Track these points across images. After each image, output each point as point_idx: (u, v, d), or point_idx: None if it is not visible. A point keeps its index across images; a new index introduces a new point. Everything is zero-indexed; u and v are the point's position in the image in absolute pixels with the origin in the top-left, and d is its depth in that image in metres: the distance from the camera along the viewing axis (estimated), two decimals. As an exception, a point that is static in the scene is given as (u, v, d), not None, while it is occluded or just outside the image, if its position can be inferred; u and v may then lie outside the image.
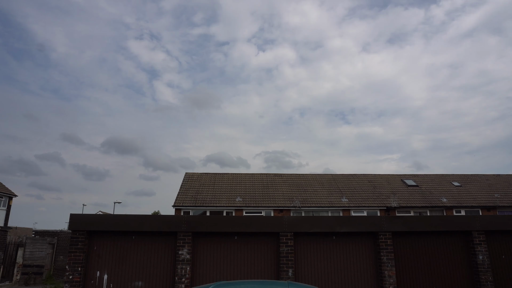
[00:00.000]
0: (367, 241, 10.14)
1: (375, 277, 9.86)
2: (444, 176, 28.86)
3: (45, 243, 22.31)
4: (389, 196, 24.58)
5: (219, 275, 9.65)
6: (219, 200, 23.26)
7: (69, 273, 9.31)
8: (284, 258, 9.56)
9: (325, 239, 10.06)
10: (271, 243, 9.92)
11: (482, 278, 9.79)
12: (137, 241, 9.80)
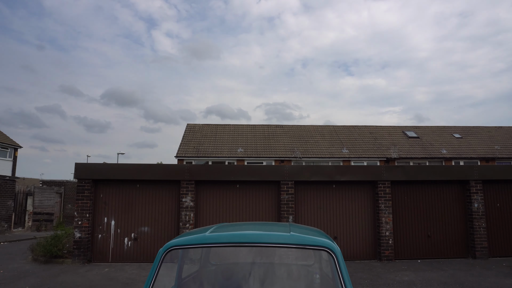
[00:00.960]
0: (366, 190, 10.38)
1: (373, 223, 10.22)
2: (445, 128, 28.87)
3: (52, 192, 22.98)
4: (389, 147, 24.78)
5: (221, 221, 10.02)
6: (220, 150, 23.54)
7: (78, 219, 9.67)
8: (284, 206, 9.86)
9: (325, 188, 10.30)
10: (272, 191, 10.18)
11: (476, 224, 10.15)
12: (142, 189, 10.07)
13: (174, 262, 2.97)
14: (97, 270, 8.93)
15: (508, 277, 7.97)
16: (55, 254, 9.86)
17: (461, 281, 7.66)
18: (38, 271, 8.91)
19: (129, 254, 9.80)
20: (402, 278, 8.01)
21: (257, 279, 2.81)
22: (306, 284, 3.17)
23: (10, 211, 20.56)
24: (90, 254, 9.72)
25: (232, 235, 2.47)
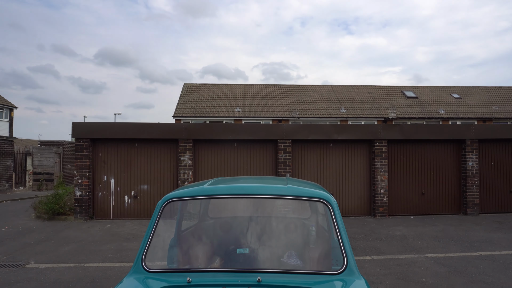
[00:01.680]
0: (363, 149, 10.47)
1: (368, 181, 10.41)
2: (444, 88, 28.63)
3: (51, 152, 23.09)
4: (387, 107, 24.70)
5: (220, 179, 10.17)
6: (218, 110, 23.43)
7: (78, 177, 9.79)
8: (282, 164, 9.97)
9: (322, 147, 10.37)
10: (269, 150, 10.26)
11: (469, 182, 10.36)
12: (140, 148, 10.11)
13: (173, 218, 3.04)
14: (99, 226, 9.19)
15: (496, 231, 8.27)
16: (58, 212, 10.08)
17: (451, 235, 7.95)
18: (42, 227, 9.15)
19: (130, 211, 10.04)
20: (395, 232, 8.30)
21: (254, 232, 2.89)
22: (302, 236, 3.27)
23: (10, 171, 20.76)
24: (91, 211, 9.95)
25: (230, 187, 2.51)
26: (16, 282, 5.31)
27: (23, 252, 6.88)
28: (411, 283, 5.08)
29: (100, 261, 6.30)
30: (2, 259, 6.46)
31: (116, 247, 7.22)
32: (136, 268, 2.29)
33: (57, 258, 6.49)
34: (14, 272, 5.76)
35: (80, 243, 7.50)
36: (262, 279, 2.08)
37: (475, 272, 5.51)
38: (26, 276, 5.57)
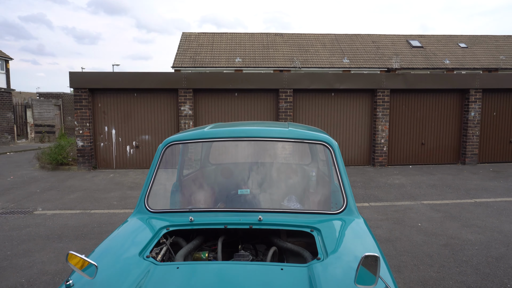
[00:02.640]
0: (365, 98, 10.36)
1: (369, 131, 10.42)
2: (451, 37, 27.71)
3: (51, 104, 22.95)
4: (391, 57, 24.08)
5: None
6: (218, 60, 22.90)
7: (79, 128, 9.80)
8: (283, 114, 9.92)
9: (324, 96, 10.25)
10: (270, 100, 10.15)
11: (470, 132, 10.36)
12: (140, 99, 10.01)
13: (175, 168, 3.06)
14: (102, 175, 9.36)
15: (491, 180, 8.42)
16: (61, 162, 10.22)
17: (448, 184, 8.10)
18: (47, 177, 9.33)
19: (132, 161, 10.16)
20: (393, 181, 8.45)
21: (255, 177, 2.91)
22: (302, 182, 3.31)
23: (11, 123, 20.78)
24: (94, 161, 10.08)
25: (231, 130, 2.49)
26: (26, 227, 5.50)
27: (30, 200, 7.07)
28: (407, 227, 5.25)
29: (105, 208, 6.49)
30: (10, 206, 6.65)
31: (120, 195, 7.40)
32: (139, 209, 2.33)
33: (63, 205, 6.67)
34: (23, 218, 5.95)
35: (84, 192, 7.68)
36: (263, 218, 2.12)
37: (469, 217, 5.68)
38: (35, 222, 5.76)
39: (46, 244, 4.84)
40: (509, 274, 3.79)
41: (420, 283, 3.63)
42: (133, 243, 1.90)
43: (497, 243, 4.63)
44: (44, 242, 4.91)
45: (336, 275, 1.57)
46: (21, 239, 5.01)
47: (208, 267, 1.70)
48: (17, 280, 3.85)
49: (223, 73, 10.48)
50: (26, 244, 4.82)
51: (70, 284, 1.55)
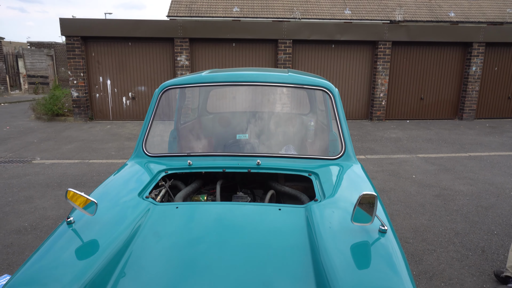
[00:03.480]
0: (366, 51, 10.11)
1: (369, 85, 10.29)
2: (459, -13, 26.52)
3: (43, 54, 22.30)
4: (395, 9, 23.21)
5: (218, 81, 10.02)
6: (215, 10, 22.00)
7: (73, 78, 9.59)
8: (281, 66, 9.72)
9: (324, 48, 9.99)
10: (269, 51, 9.89)
11: (469, 88, 10.26)
12: (135, 48, 9.71)
13: (171, 120, 3.02)
14: (99, 126, 9.32)
15: (487, 135, 8.48)
16: (57, 113, 10.12)
17: (444, 138, 8.16)
18: (43, 127, 9.28)
19: (129, 112, 10.08)
20: (390, 135, 8.49)
21: (253, 126, 2.90)
22: (300, 131, 3.30)
23: (3, 73, 20.31)
24: (90, 112, 9.99)
25: (229, 74, 2.43)
26: (25, 175, 5.56)
27: (28, 150, 7.08)
28: (401, 179, 5.36)
29: (103, 158, 6.53)
30: (8, 156, 6.67)
31: (117, 145, 7.42)
32: (137, 153, 2.33)
33: (61, 155, 6.70)
34: (22, 167, 5.99)
35: (82, 142, 7.68)
36: (261, 162, 2.13)
37: (462, 170, 5.78)
38: (34, 170, 5.81)
39: (46, 191, 4.92)
40: (497, 222, 3.93)
41: (412, 230, 3.76)
42: (132, 185, 1.92)
43: (488, 194, 4.75)
44: (44, 189, 4.99)
45: (333, 214, 1.60)
46: (21, 187, 5.08)
47: (207, 207, 1.73)
48: (20, 224, 3.95)
49: (220, 21, 10.09)
50: (27, 191, 4.90)
51: (71, 221, 1.58)
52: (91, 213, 1.53)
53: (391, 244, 1.40)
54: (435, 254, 3.31)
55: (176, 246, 1.49)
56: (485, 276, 2.99)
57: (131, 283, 1.34)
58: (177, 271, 1.36)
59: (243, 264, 1.38)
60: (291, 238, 1.51)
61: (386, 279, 1.22)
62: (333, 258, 1.31)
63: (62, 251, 1.40)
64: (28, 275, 1.28)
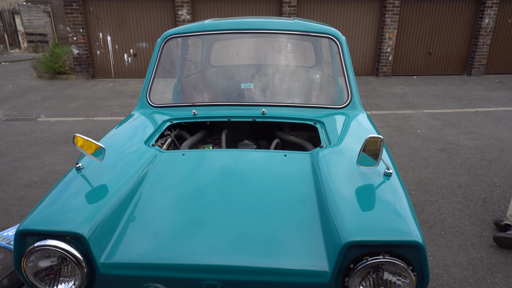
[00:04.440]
0: (374, 3, 9.71)
1: (376, 39, 9.99)
2: None
3: (40, 11, 21.67)
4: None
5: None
6: (216, -38, 20.96)
7: (72, 34, 9.37)
8: (286, 20, 9.41)
9: (330, 1, 9.59)
10: (273, 4, 9.53)
11: (480, 41, 9.93)
12: (134, 2, 9.38)
13: (174, 77, 2.96)
14: (102, 84, 9.24)
15: (495, 91, 8.33)
16: (58, 71, 10.01)
17: (451, 94, 8.04)
18: (45, 86, 9.22)
19: (131, 70, 9.94)
20: (396, 91, 8.37)
21: (258, 78, 2.85)
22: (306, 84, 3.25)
23: (1, 31, 19.87)
24: (92, 70, 9.86)
25: (233, 22, 2.35)
26: (31, 133, 5.61)
27: (32, 108, 7.08)
28: (406, 134, 5.35)
29: (107, 115, 6.53)
30: (13, 114, 6.69)
31: (121, 103, 7.40)
32: (141, 104, 2.32)
33: (66, 113, 6.71)
34: (27, 125, 6.03)
35: (85, 100, 7.66)
36: (266, 111, 2.12)
37: (468, 125, 5.75)
38: (39, 128, 5.85)
39: (53, 147, 4.98)
40: (500, 175, 3.97)
41: (415, 182, 3.81)
42: (138, 134, 1.93)
43: (492, 148, 4.75)
44: (51, 146, 5.05)
45: (338, 159, 1.61)
46: (28, 143, 5.14)
47: (214, 154, 1.75)
48: (30, 179, 4.04)
49: (222, -27, 9.64)
50: (34, 148, 4.96)
51: (79, 167, 1.61)
52: (99, 158, 1.55)
53: (396, 187, 1.42)
54: (437, 205, 3.37)
55: (183, 191, 1.52)
56: (484, 225, 3.06)
57: (140, 226, 1.38)
58: (185, 216, 1.40)
59: (250, 209, 1.41)
60: (296, 183, 1.53)
61: (392, 222, 1.24)
62: (339, 202, 1.34)
63: (73, 195, 1.43)
64: (41, 217, 1.32)
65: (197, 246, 1.27)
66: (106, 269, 1.26)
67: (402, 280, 1.17)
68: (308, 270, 1.20)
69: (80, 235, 1.24)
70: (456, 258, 2.67)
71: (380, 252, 1.16)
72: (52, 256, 1.27)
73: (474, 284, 2.42)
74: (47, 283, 1.29)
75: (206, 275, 1.21)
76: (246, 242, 1.27)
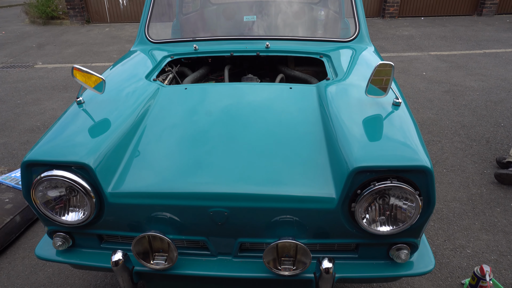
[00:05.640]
0: None
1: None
2: None
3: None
4: None
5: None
6: None
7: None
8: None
9: None
10: None
11: None
12: None
13: (170, 21, 2.80)
14: (97, 29, 8.92)
15: (506, 31, 8.01)
16: (51, 15, 9.61)
17: (460, 35, 7.74)
18: (40, 31, 8.91)
19: (127, 14, 9.54)
20: (402, 33, 8.06)
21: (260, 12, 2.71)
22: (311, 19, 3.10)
23: (-13, -26, 18.78)
24: (87, 14, 9.46)
25: None
26: (29, 79, 5.51)
27: (28, 55, 6.90)
28: (411, 76, 5.23)
29: (106, 61, 6.37)
30: (9, 61, 6.53)
31: (119, 48, 7.18)
32: (140, 40, 2.23)
33: (63, 59, 6.55)
34: (25, 72, 5.90)
35: (82, 46, 7.43)
36: (270, 45, 2.04)
37: (475, 67, 5.59)
38: (37, 75, 5.74)
39: (52, 93, 4.92)
40: (505, 115, 3.93)
41: (418, 123, 3.79)
42: (138, 69, 1.87)
43: (499, 89, 4.66)
44: (50, 92, 4.98)
45: (345, 90, 1.57)
46: (27, 90, 5.07)
47: (217, 87, 1.70)
48: (33, 124, 4.04)
49: None
50: (34, 94, 4.90)
51: (81, 101, 1.57)
52: (99, 91, 1.52)
53: (405, 117, 1.39)
54: (440, 145, 3.38)
55: (188, 124, 1.50)
56: (486, 163, 3.08)
57: (146, 158, 1.38)
58: (191, 148, 1.39)
59: (256, 140, 1.39)
60: (303, 114, 1.50)
61: (400, 148, 1.23)
62: (346, 131, 1.32)
63: (76, 128, 1.41)
64: (46, 148, 1.31)
65: (204, 176, 1.27)
66: (114, 198, 1.27)
67: (409, 204, 1.18)
68: (315, 196, 1.21)
69: (86, 165, 1.24)
70: (457, 194, 2.72)
71: (387, 178, 1.16)
72: (60, 186, 1.28)
73: (472, 217, 2.49)
74: (57, 213, 1.32)
75: (214, 202, 1.23)
76: (253, 171, 1.28)
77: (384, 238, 1.28)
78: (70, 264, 1.52)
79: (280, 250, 1.26)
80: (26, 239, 2.40)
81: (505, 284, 2.00)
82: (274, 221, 1.25)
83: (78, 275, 2.11)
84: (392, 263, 1.36)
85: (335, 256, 1.33)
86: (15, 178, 2.66)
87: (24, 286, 2.06)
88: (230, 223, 1.26)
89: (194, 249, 1.40)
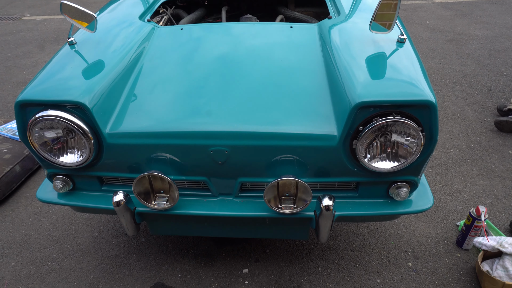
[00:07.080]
0: None
1: None
2: None
3: None
4: None
5: None
6: None
7: None
8: None
9: None
10: None
11: None
12: None
13: None
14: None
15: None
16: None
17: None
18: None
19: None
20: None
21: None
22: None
23: None
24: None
25: None
26: (18, 32, 5.31)
27: (14, 6, 6.60)
28: (414, 25, 5.06)
29: (96, 12, 6.11)
30: (-5, 13, 6.26)
31: None
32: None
33: (52, 11, 6.28)
34: (12, 24, 5.68)
35: None
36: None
37: (481, 15, 5.40)
38: (26, 27, 5.52)
39: (44, 46, 4.76)
40: (508, 64, 3.85)
41: (419, 72, 3.72)
42: (131, 9, 1.78)
43: (503, 37, 4.54)
44: (41, 44, 4.82)
45: (348, 27, 1.50)
46: (17, 43, 4.90)
47: (215, 27, 1.63)
48: (26, 77, 3.94)
49: None
50: (24, 47, 4.75)
51: (72, 41, 1.51)
52: (91, 29, 1.45)
53: (410, 53, 1.35)
54: (441, 94, 3.34)
55: (185, 64, 1.45)
56: (487, 112, 3.06)
57: (144, 98, 1.34)
58: (189, 88, 1.35)
59: (256, 79, 1.35)
60: (304, 53, 1.45)
61: (404, 84, 1.19)
62: (349, 68, 1.27)
63: (70, 68, 1.36)
64: (40, 89, 1.27)
65: (204, 116, 1.25)
66: (113, 139, 1.25)
67: (411, 140, 1.17)
68: (316, 134, 1.20)
69: (82, 104, 1.20)
70: (456, 141, 2.73)
71: (390, 113, 1.14)
72: (56, 127, 1.26)
73: (470, 164, 2.51)
74: (55, 155, 1.30)
75: (214, 141, 1.21)
76: (254, 110, 1.25)
77: (385, 175, 1.28)
78: (72, 207, 1.53)
79: (281, 189, 1.26)
80: (28, 188, 2.42)
81: (498, 226, 2.06)
82: (274, 160, 1.24)
83: (81, 221, 2.15)
84: (391, 202, 1.37)
85: (335, 195, 1.34)
86: (11, 129, 2.63)
87: (29, 231, 2.11)
88: (230, 162, 1.25)
89: (195, 190, 1.41)
